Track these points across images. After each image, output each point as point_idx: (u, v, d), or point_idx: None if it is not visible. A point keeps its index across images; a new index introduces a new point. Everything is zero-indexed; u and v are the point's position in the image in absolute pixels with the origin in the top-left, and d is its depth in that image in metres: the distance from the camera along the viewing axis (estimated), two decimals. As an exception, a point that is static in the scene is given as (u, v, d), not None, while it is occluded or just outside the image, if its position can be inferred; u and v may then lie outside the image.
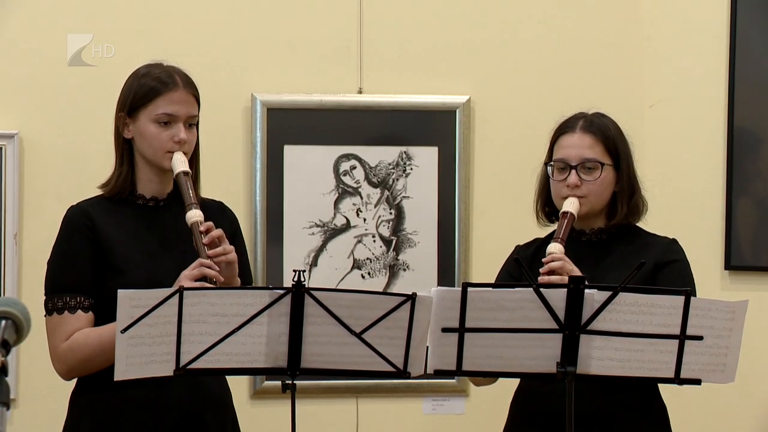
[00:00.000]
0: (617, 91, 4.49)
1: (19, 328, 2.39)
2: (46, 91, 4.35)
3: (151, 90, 3.33)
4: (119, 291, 2.92)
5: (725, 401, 4.43)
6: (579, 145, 3.48)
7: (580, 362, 2.99)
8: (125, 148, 3.37)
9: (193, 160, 3.41)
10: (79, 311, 3.28)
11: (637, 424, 3.41)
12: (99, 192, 3.42)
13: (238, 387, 4.46)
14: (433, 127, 4.55)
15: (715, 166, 4.55)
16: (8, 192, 4.28)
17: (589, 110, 3.56)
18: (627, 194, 3.50)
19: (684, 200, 4.53)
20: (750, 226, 4.53)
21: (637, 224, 3.57)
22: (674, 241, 3.52)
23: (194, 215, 3.24)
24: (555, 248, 3.35)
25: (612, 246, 3.50)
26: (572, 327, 2.97)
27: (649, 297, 2.98)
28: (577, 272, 3.29)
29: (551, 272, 3.30)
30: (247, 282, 3.47)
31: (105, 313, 3.25)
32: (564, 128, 3.53)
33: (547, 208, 3.57)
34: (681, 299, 2.97)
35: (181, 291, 2.92)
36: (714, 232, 4.53)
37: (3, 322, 2.37)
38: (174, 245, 3.33)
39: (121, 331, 2.90)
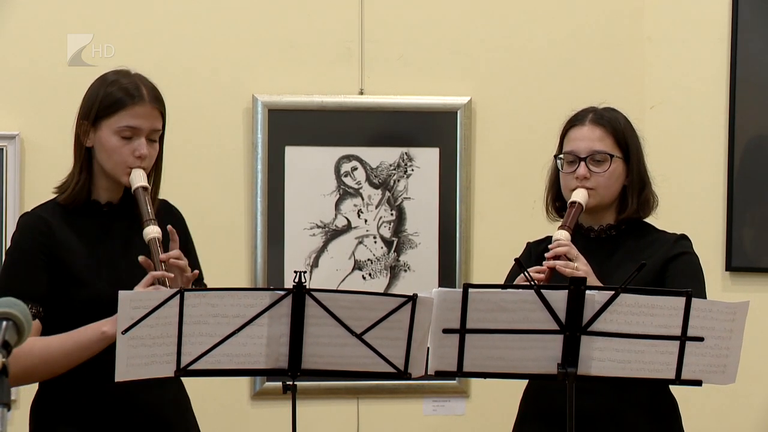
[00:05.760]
0: (618, 93, 4.48)
1: (20, 329, 2.39)
2: (46, 91, 4.35)
3: (116, 102, 3.25)
4: (120, 292, 2.91)
5: (726, 402, 4.43)
6: (588, 138, 3.47)
7: (581, 363, 2.98)
8: (85, 156, 3.31)
9: (155, 171, 3.35)
10: None
11: (645, 421, 3.40)
12: (53, 195, 3.36)
13: (239, 388, 4.47)
14: (434, 128, 4.54)
15: (716, 167, 4.55)
16: (9, 193, 4.28)
17: (600, 104, 3.56)
18: (637, 188, 3.50)
19: (685, 201, 4.53)
20: (751, 227, 4.53)
21: (648, 222, 3.55)
22: (683, 236, 3.51)
23: (152, 231, 3.20)
24: (561, 235, 3.37)
25: (621, 242, 3.49)
26: (573, 328, 2.96)
27: (650, 298, 2.97)
28: (582, 260, 3.31)
29: (557, 257, 3.31)
30: (199, 277, 3.41)
31: (58, 323, 3.20)
32: (574, 121, 3.53)
33: (558, 202, 3.57)
34: (682, 300, 2.96)
35: (181, 292, 2.92)
36: (715, 233, 4.53)
37: (4, 323, 2.36)
38: (133, 247, 3.27)
39: (122, 332, 2.90)
